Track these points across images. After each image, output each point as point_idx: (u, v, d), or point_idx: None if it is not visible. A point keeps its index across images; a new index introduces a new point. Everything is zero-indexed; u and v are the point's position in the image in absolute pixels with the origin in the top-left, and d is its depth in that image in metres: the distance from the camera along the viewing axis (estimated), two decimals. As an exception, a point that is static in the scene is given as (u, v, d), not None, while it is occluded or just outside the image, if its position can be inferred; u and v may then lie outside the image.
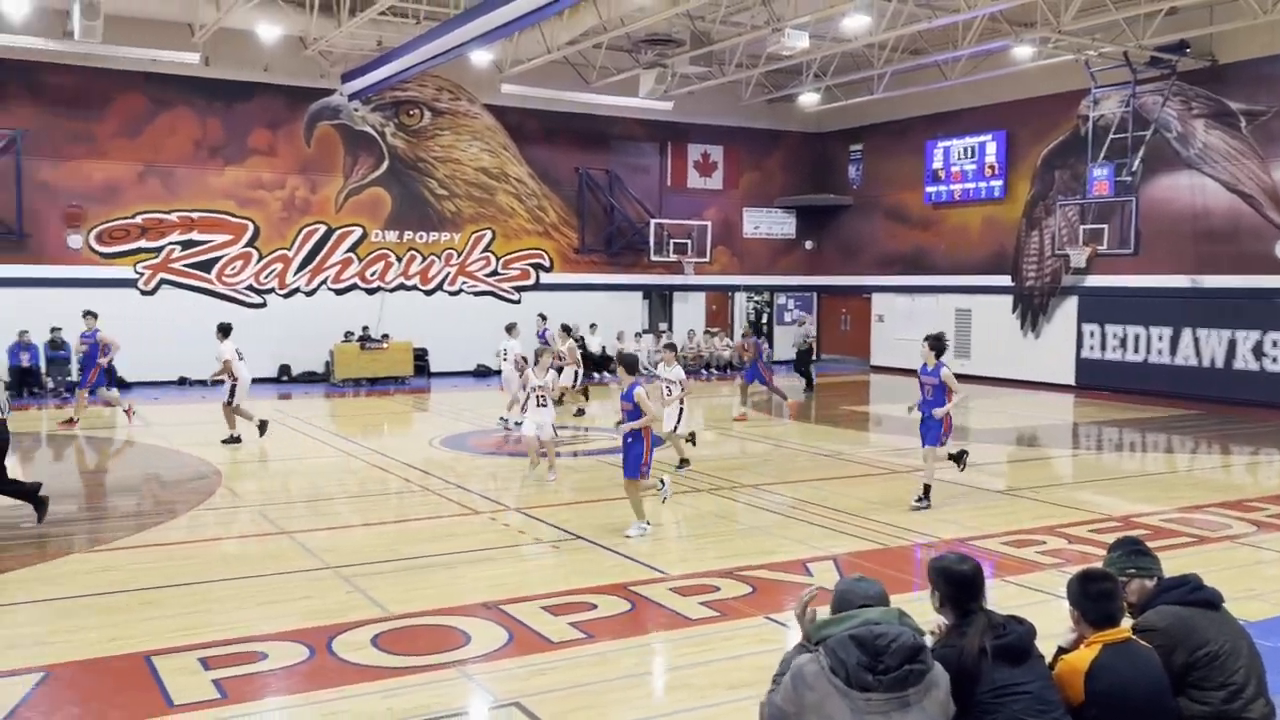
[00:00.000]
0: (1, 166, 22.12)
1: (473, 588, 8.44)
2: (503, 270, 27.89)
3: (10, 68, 21.84)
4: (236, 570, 8.95)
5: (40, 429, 17.90)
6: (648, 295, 30.21)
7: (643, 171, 29.73)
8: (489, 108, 27.17)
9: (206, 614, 7.71)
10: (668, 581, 8.50)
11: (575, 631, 7.27)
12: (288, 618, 7.60)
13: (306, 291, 25.53)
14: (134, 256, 23.61)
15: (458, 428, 17.86)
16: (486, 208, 27.59)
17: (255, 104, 24.44)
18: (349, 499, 12.35)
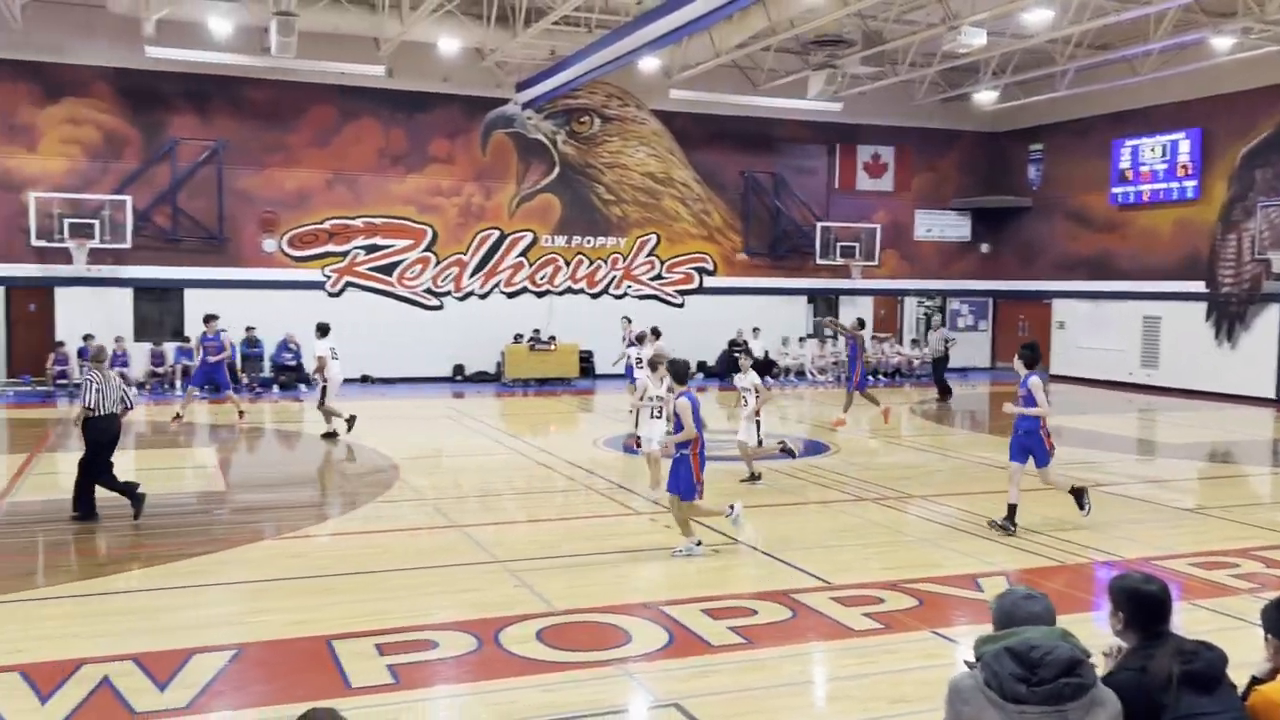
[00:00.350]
0: (204, 175, 23.74)
1: (633, 587, 8.53)
2: (666, 274, 28.10)
3: (214, 82, 23.42)
4: (411, 561, 9.31)
5: (234, 421, 19.08)
6: (813, 299, 29.85)
7: (809, 174, 29.40)
8: (656, 113, 27.42)
9: (383, 602, 8.06)
10: (830, 591, 8.37)
11: (735, 636, 7.25)
12: (458, 609, 7.86)
13: (480, 294, 26.37)
14: (322, 260, 24.93)
15: (620, 429, 18.07)
16: (652, 212, 27.85)
17: (435, 114, 25.42)
18: (517, 495, 12.68)
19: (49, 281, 22.75)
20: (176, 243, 23.57)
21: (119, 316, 23.21)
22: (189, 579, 8.66)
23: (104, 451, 10.67)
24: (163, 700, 6.05)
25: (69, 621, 7.54)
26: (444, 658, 6.86)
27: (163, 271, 23.54)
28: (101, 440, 10.63)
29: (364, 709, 5.86)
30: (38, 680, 6.24)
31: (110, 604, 7.99)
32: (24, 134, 22.36)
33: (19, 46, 21.72)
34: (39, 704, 5.95)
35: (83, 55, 22.45)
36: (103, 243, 22.31)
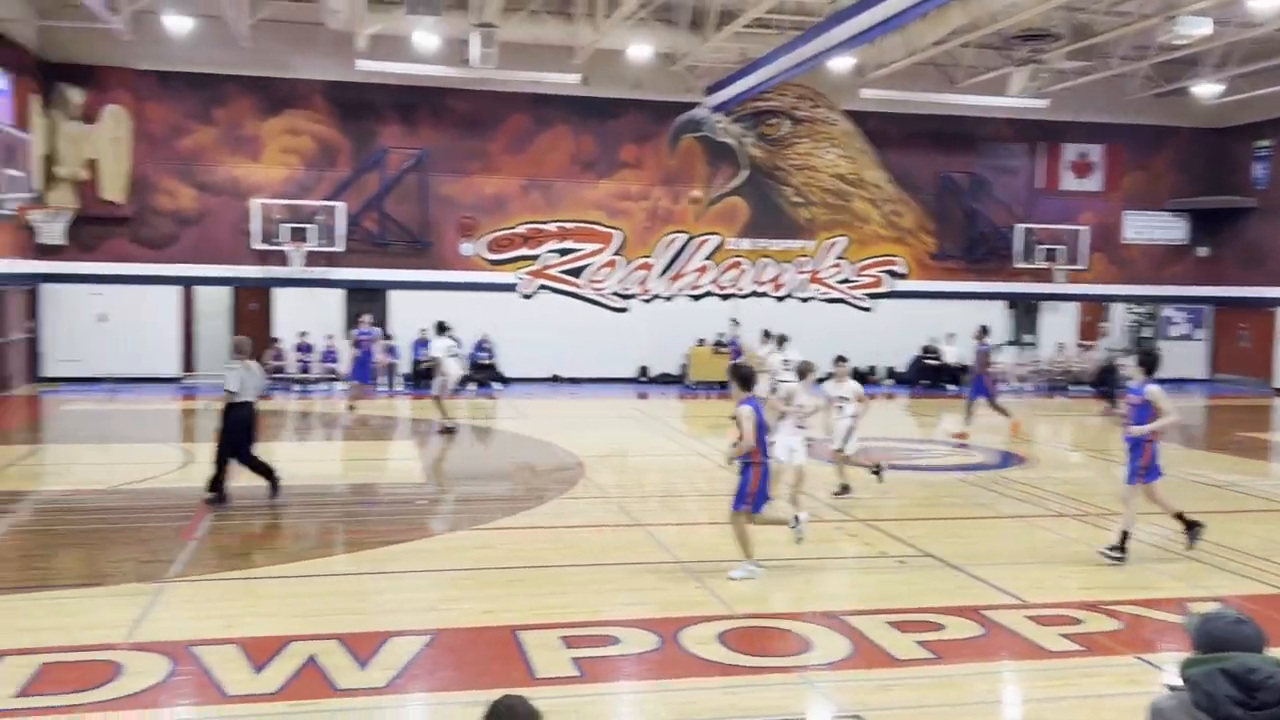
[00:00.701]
0: (410, 182, 24.94)
1: (817, 595, 8.41)
2: (855, 278, 27.58)
3: (419, 93, 24.58)
4: (595, 557, 9.48)
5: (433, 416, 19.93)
6: (1012, 305, 28.65)
7: (1010, 174, 28.25)
8: (848, 113, 26.97)
9: (567, 596, 8.24)
10: (1025, 609, 8.00)
11: (922, 650, 7.04)
12: (640, 606, 7.95)
13: (666, 297, 26.62)
14: (516, 263, 25.75)
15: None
16: (841, 214, 27.40)
17: (625, 120, 25.83)
18: (699, 497, 12.72)
19: (268, 282, 24.41)
20: (383, 246, 24.86)
21: (330, 315, 24.69)
22: (388, 565, 9.10)
23: (242, 435, 11.35)
24: (363, 679, 6.38)
25: (280, 600, 8.06)
26: (626, 654, 6.95)
27: (370, 273, 24.88)
28: (239, 425, 11.33)
29: (549, 699, 5.97)
30: (252, 653, 6.70)
31: (317, 585, 8.48)
32: (249, 145, 24.09)
33: (247, 64, 23.43)
34: (253, 675, 6.38)
35: (302, 70, 24.00)
36: (317, 246, 23.78)
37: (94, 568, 8.97)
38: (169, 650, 6.73)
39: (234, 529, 10.44)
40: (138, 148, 23.44)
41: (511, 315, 25.28)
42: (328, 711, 5.94)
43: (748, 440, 8.51)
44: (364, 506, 11.89)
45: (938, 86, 25.90)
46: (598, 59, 23.77)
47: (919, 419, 17.73)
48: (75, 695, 6.02)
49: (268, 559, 9.48)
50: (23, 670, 6.36)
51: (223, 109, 23.86)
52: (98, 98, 23.05)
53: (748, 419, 8.52)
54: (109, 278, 23.41)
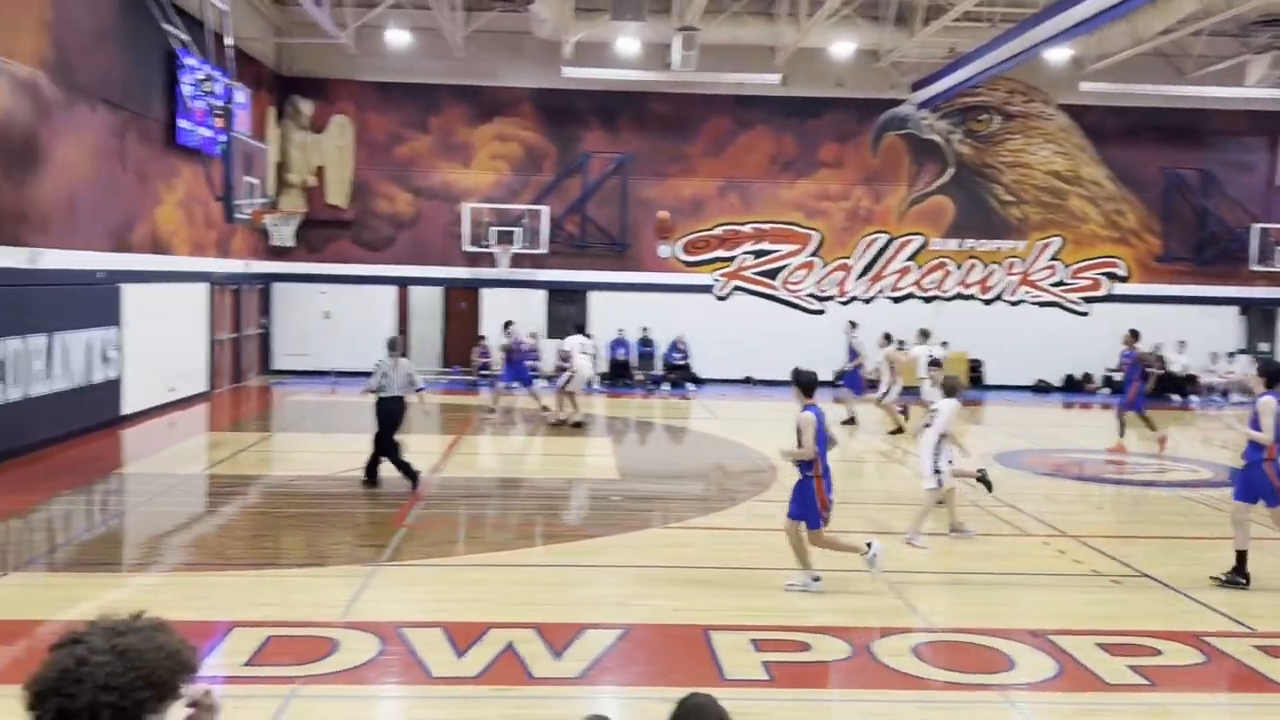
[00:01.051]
0: (611, 186, 25.45)
1: (1020, 612, 8.04)
2: (1070, 280, 26.21)
3: (621, 98, 25.04)
4: (787, 561, 9.37)
5: (629, 415, 20.26)
6: (1245, 311, 26.53)
7: (1245, 170, 26.14)
8: (1064, 107, 25.66)
9: (759, 599, 8.20)
10: (1253, 638, 7.39)
11: (1135, 676, 6.61)
12: (833, 613, 7.82)
13: (864, 299, 26.10)
14: (712, 265, 25.85)
15: (1012, 444, 17.12)
16: (1055, 213, 26.10)
17: (826, 119, 25.48)
18: (898, 505, 12.38)
19: (476, 283, 25.45)
20: (584, 248, 25.48)
21: (533, 315, 25.50)
22: (584, 559, 9.32)
23: (389, 428, 11.87)
24: (557, 668, 6.55)
25: (481, 588, 8.38)
26: (817, 660, 6.85)
27: (572, 275, 25.54)
28: (386, 418, 11.85)
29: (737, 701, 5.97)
30: (455, 637, 7.00)
31: (516, 575, 8.77)
32: (461, 151, 25.19)
33: (460, 73, 24.51)
34: (455, 658, 6.66)
35: (511, 78, 24.90)
36: (522, 248, 24.62)
37: (314, 549, 9.60)
38: (379, 630, 7.12)
39: (440, 518, 10.93)
40: (360, 155, 24.94)
41: (706, 316, 25.39)
42: (523, 698, 6.13)
43: (808, 448, 8.19)
44: (561, 501, 12.21)
45: (1165, 78, 24.27)
46: (799, 58, 23.57)
47: (1139, 431, 16.65)
48: (296, 667, 6.45)
49: (470, 548, 9.87)
50: (252, 641, 6.87)
51: (437, 117, 25.05)
52: (325, 108, 24.68)
53: (809, 426, 8.17)
54: (332, 277, 25.01)
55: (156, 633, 2.38)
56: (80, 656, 2.24)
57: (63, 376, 14.30)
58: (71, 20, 14.54)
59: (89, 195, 15.29)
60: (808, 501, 8.30)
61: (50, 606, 7.58)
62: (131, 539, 10.18)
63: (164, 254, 18.24)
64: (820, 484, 8.28)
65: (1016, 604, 8.32)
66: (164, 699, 2.34)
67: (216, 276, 20.94)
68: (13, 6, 13.02)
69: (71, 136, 14.68)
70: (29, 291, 13.46)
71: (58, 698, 2.22)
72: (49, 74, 13.90)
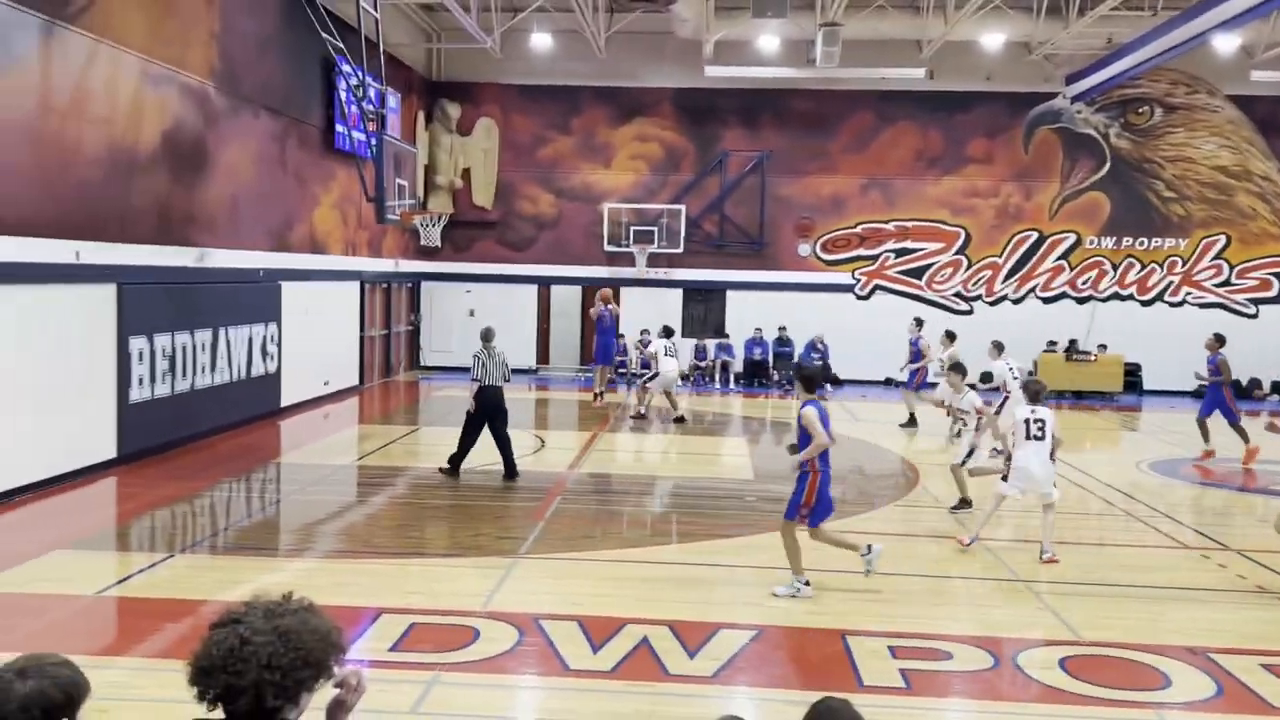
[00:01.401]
0: (750, 184, 25.33)
1: (1176, 628, 7.65)
2: (1236, 280, 24.77)
3: (761, 96, 24.89)
4: (927, 568, 9.18)
5: (765, 415, 20.14)
6: None
7: None
8: (1233, 98, 24.27)
9: (898, 605, 8.03)
10: None
11: (1307, 702, 6.21)
12: (974, 623, 7.61)
13: (1014, 299, 25.27)
14: (853, 264, 25.44)
15: (1170, 452, 16.30)
16: (1221, 210, 24.71)
17: (974, 113, 24.76)
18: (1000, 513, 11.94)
19: (615, 282, 25.70)
20: (721, 248, 25.43)
21: (669, 314, 25.60)
22: (718, 558, 9.31)
23: (491, 416, 12.32)
24: (692, 667, 6.57)
25: (618, 583, 8.47)
26: (958, 670, 6.68)
27: (708, 274, 25.54)
28: (487, 406, 12.28)
29: (873, 708, 5.87)
30: (591, 631, 7.09)
31: (651, 572, 8.83)
32: (602, 152, 25.48)
33: (602, 75, 24.81)
34: (591, 652, 6.75)
35: (651, 79, 25.06)
36: (659, 247, 24.75)
37: (457, 540, 9.88)
38: (518, 621, 7.28)
39: (579, 513, 11.10)
40: (504, 157, 25.52)
41: (846, 316, 25.02)
42: (658, 694, 6.17)
43: (820, 439, 8.02)
44: (696, 500, 12.22)
45: (1346, 63, 22.72)
46: (945, 51, 22.98)
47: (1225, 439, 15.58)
48: (438, 654, 6.65)
49: (607, 543, 9.98)
50: (396, 627, 7.12)
51: (579, 118, 25.40)
52: (472, 111, 25.35)
53: (815, 420, 8.01)
54: (477, 276, 25.67)
55: (309, 615, 2.49)
56: (244, 636, 2.37)
57: (227, 369, 15.11)
58: (237, 31, 15.34)
59: (251, 198, 16.11)
60: (801, 499, 8.24)
61: (212, 588, 8.02)
62: (287, 525, 10.68)
63: (320, 253, 19.08)
64: (817, 480, 8.19)
65: (1172, 619, 7.91)
66: (319, 678, 2.45)
67: (368, 275, 21.77)
68: (184, 21, 13.82)
69: (236, 142, 15.49)
70: (197, 289, 14.28)
71: (225, 675, 2.35)
72: (216, 83, 14.71)
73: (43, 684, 2.40)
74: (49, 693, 2.40)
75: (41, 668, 2.45)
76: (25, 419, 10.80)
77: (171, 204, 13.69)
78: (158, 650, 6.74)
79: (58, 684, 2.43)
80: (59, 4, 11.12)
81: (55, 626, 7.07)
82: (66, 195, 11.42)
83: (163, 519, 10.45)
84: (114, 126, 12.28)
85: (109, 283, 12.23)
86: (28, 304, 10.81)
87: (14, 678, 2.41)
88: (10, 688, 2.39)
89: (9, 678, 2.41)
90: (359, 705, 2.58)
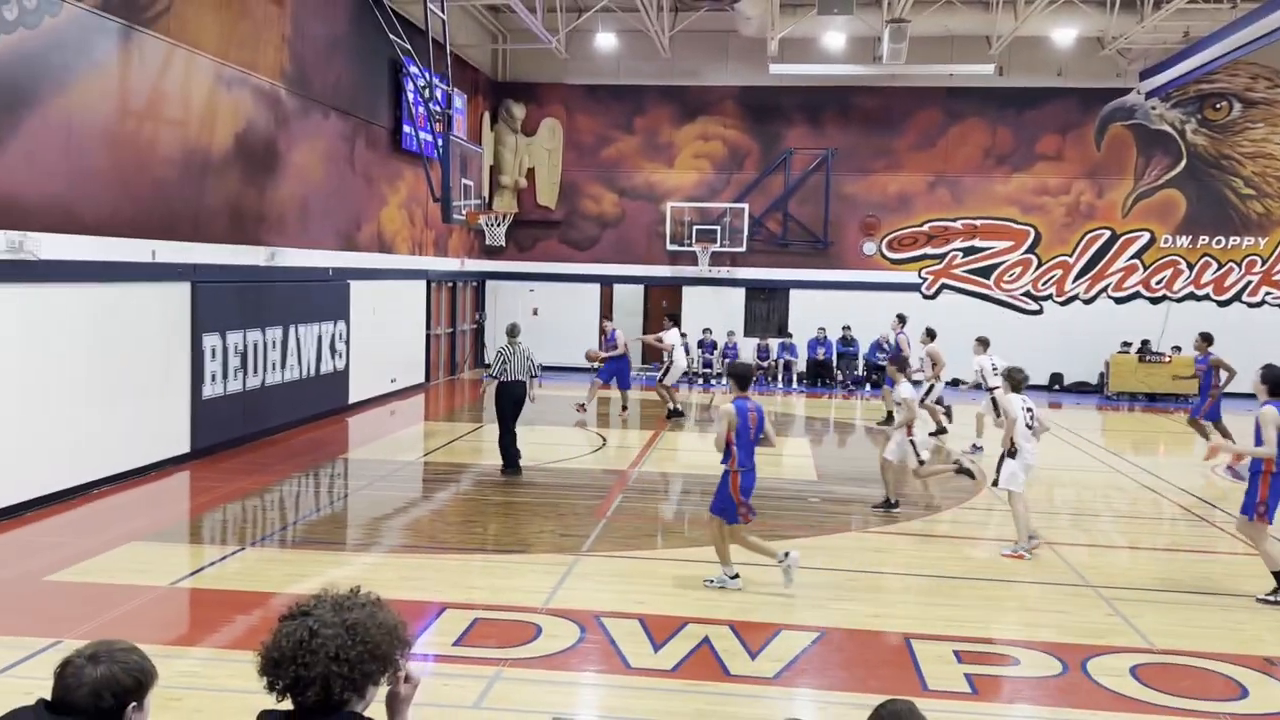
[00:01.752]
0: (814, 183, 25.14)
1: (1255, 637, 7.43)
2: (1321, 280, 24.00)
3: (826, 93, 24.70)
4: (994, 572, 9.04)
5: (829, 415, 19.99)
6: None
7: None
8: (1316, 92, 23.52)
9: (963, 609, 7.92)
10: None
11: (1392, 717, 5.99)
12: (1042, 628, 7.47)
13: (1085, 299, 24.76)
14: (919, 262, 25.13)
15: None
16: (1304, 208, 23.95)
17: (1045, 110, 24.31)
18: (1115, 518, 11.71)
19: (677, 281, 25.70)
20: (784, 246, 25.28)
21: (732, 313, 25.54)
22: (781, 559, 9.24)
23: (507, 409, 12.51)
24: (753, 667, 6.54)
25: (679, 582, 8.46)
26: (1025, 676, 6.56)
27: (771, 273, 25.41)
28: (506, 400, 12.50)
29: (939, 713, 5.80)
30: (653, 630, 7.10)
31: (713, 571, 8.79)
32: (665, 151, 25.49)
33: (666, 74, 24.82)
34: (653, 651, 6.76)
35: (715, 77, 25.00)
36: (722, 246, 24.67)
37: (519, 537, 9.95)
38: (580, 618, 7.31)
39: (640, 511, 11.12)
40: (568, 156, 25.65)
41: (912, 316, 24.66)
42: (719, 695, 6.15)
43: (720, 440, 8.11)
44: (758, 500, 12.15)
45: None
46: (1015, 46, 22.61)
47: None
48: (501, 650, 6.71)
49: (668, 542, 9.98)
50: (460, 623, 7.19)
51: (642, 118, 25.44)
52: (536, 112, 25.51)
53: (723, 418, 8.10)
54: (540, 276, 25.84)
55: (376, 609, 2.53)
56: (313, 629, 2.41)
57: (296, 366, 15.40)
58: (307, 34, 15.62)
59: (321, 197, 16.39)
60: (724, 496, 8.23)
61: (281, 580, 8.19)
62: (354, 520, 10.85)
63: (388, 253, 19.35)
64: (736, 479, 8.15)
65: (1249, 628, 7.68)
66: (385, 672, 2.49)
67: (434, 274, 22.03)
68: (256, 24, 14.11)
69: (306, 143, 15.78)
70: (267, 288, 14.58)
71: (294, 666, 2.39)
72: (287, 85, 14.99)
73: (113, 669, 2.49)
74: (119, 678, 2.48)
75: (111, 653, 2.53)
76: (104, 414, 11.12)
77: (243, 204, 13.99)
78: (228, 641, 6.89)
79: (127, 669, 2.51)
80: (137, 9, 11.42)
81: (131, 616, 7.26)
82: (143, 195, 11.73)
83: (234, 513, 10.69)
84: (188, 128, 12.59)
85: (183, 281, 12.54)
86: (107, 302, 11.12)
87: (85, 662, 2.49)
88: (82, 672, 2.48)
89: (80, 663, 2.49)
90: (416, 698, 2.61)
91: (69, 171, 10.47)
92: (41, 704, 2.51)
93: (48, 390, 10.24)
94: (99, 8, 10.78)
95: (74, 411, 10.63)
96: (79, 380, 10.69)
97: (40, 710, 2.50)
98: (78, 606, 7.41)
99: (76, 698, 2.46)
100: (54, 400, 10.33)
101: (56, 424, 10.38)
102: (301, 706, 2.41)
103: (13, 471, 9.81)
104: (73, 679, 2.47)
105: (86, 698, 2.46)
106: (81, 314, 10.72)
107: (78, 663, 2.50)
